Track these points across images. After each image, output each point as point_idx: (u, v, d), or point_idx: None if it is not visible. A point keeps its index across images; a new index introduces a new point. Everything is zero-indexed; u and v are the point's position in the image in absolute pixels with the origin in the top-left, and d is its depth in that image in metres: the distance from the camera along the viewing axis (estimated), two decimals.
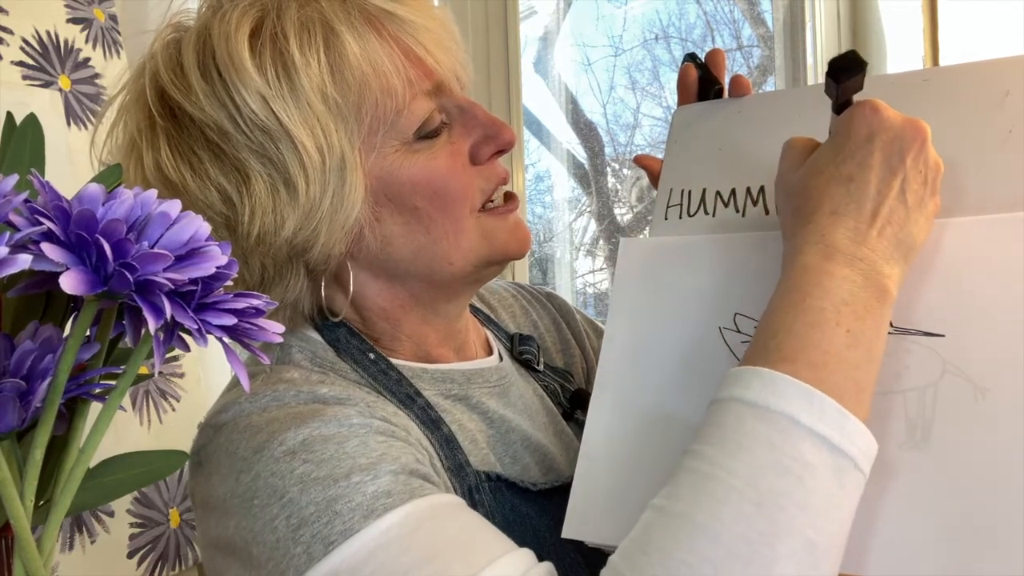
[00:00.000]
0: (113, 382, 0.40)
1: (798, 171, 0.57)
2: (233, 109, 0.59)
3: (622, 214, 2.33)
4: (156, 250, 0.36)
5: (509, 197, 0.70)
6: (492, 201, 0.68)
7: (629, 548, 0.48)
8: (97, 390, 0.40)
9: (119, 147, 0.65)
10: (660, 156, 0.75)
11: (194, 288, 0.37)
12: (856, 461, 0.47)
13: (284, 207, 0.60)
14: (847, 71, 0.56)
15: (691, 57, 0.76)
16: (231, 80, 0.59)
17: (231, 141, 0.60)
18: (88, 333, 0.39)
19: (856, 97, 0.57)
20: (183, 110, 0.60)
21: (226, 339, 0.39)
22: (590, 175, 2.27)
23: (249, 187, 0.60)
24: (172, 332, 0.38)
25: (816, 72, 2.09)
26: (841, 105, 0.57)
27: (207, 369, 1.23)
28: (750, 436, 0.47)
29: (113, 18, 1.16)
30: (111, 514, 1.04)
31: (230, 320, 0.38)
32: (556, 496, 0.67)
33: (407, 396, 0.64)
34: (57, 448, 0.41)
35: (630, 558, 0.47)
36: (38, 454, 0.37)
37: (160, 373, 1.15)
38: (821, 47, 2.08)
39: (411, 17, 0.62)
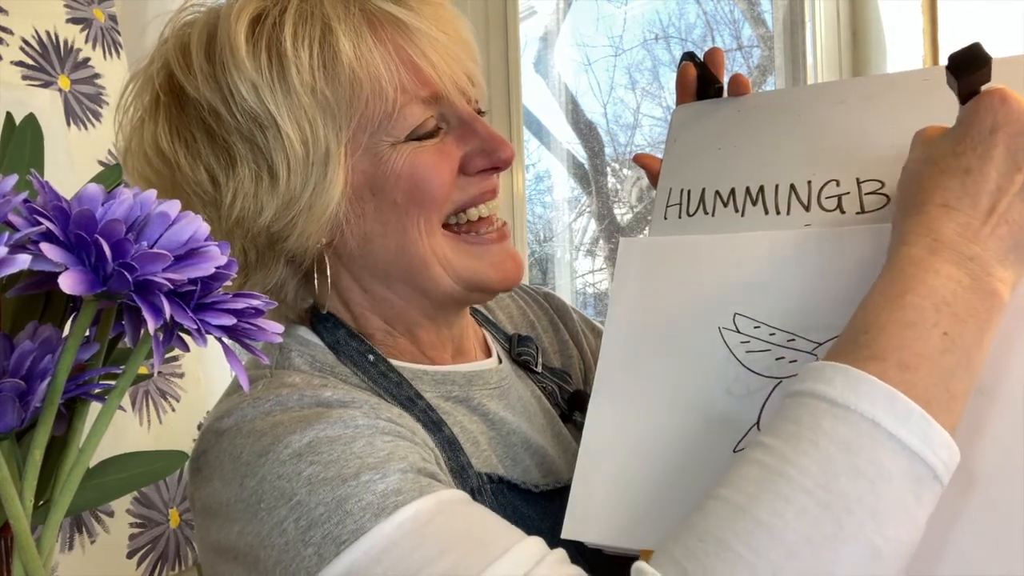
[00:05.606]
0: (113, 382, 0.40)
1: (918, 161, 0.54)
2: (227, 93, 0.60)
3: (622, 214, 2.33)
4: (155, 250, 0.36)
5: (500, 229, 0.68)
6: (458, 215, 0.65)
7: (683, 534, 0.47)
8: (97, 390, 0.40)
9: (132, 123, 0.66)
10: (660, 156, 0.75)
11: (193, 288, 0.37)
12: (936, 471, 0.45)
13: (265, 194, 0.61)
14: (968, 68, 0.52)
15: (690, 56, 0.76)
16: (227, 65, 0.60)
17: (223, 124, 0.61)
18: (87, 333, 0.39)
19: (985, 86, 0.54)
20: (184, 90, 0.62)
21: (225, 339, 0.39)
22: (590, 175, 2.27)
23: (234, 170, 0.61)
24: (171, 332, 0.38)
25: (816, 72, 2.09)
26: (968, 94, 0.54)
27: (207, 369, 1.23)
28: (826, 435, 0.46)
29: (113, 18, 1.16)
30: (111, 514, 1.04)
31: (229, 320, 0.38)
32: (557, 498, 0.66)
33: (408, 399, 0.64)
34: (57, 448, 0.41)
35: (684, 544, 0.46)
36: (38, 454, 0.37)
37: (160, 373, 1.15)
38: (821, 47, 2.07)
39: (415, 23, 0.61)
